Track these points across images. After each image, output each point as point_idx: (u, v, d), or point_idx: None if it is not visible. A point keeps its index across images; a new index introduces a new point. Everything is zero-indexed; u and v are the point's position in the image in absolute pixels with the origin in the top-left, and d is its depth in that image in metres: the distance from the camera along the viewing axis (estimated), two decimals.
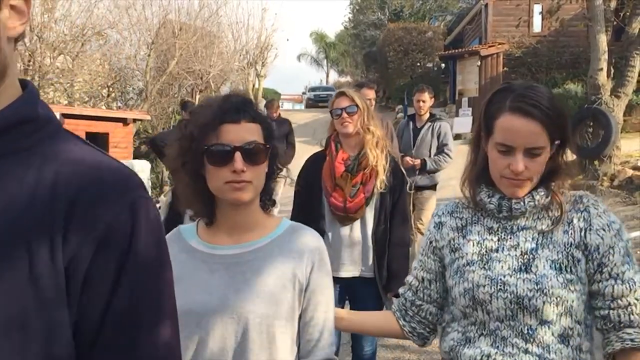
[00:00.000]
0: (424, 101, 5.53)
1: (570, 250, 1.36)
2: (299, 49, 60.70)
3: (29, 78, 16.89)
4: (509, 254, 1.39)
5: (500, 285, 1.36)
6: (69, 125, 14.52)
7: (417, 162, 5.27)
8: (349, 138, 2.86)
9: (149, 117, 16.22)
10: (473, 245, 1.44)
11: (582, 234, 1.37)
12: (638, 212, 7.13)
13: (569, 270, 1.35)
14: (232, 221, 1.42)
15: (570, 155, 1.44)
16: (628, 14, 9.12)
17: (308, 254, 1.42)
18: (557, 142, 1.36)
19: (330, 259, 2.53)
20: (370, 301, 2.83)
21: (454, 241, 1.49)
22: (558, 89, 14.18)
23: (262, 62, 20.71)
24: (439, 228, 1.54)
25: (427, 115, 5.57)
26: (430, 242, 1.55)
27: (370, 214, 2.83)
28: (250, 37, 20.44)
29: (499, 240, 1.42)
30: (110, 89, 19.69)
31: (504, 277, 1.36)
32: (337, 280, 2.62)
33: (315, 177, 2.89)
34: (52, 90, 17.90)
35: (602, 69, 8.59)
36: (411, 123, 5.62)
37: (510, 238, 1.41)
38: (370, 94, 4.51)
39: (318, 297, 1.43)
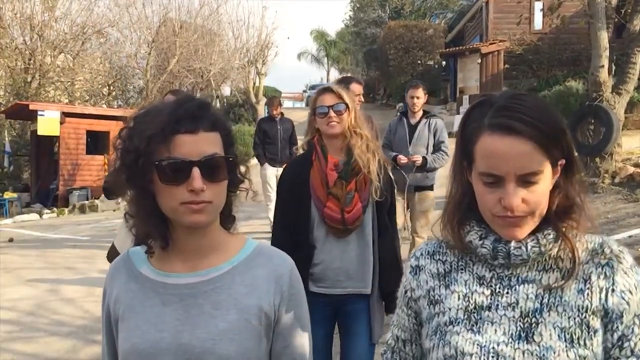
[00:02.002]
0: (418, 97, 5.31)
1: (585, 316, 1.05)
2: (300, 47, 60.57)
3: (29, 77, 16.93)
4: (504, 315, 1.09)
5: (492, 356, 1.06)
6: (70, 124, 14.54)
7: (418, 158, 5.09)
8: (335, 140, 2.53)
9: None
10: (458, 298, 1.14)
11: (603, 295, 1.06)
12: (639, 209, 7.12)
13: (582, 343, 1.04)
14: (187, 245, 1.20)
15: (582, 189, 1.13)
16: (629, 11, 9.10)
17: (276, 282, 1.22)
18: (560, 162, 1.07)
19: (323, 275, 2.49)
20: (361, 319, 2.55)
21: (433, 291, 1.18)
22: (559, 86, 14.16)
23: (263, 61, 20.68)
24: (415, 273, 1.23)
25: (421, 112, 5.37)
26: (405, 292, 1.25)
27: (367, 223, 2.54)
28: (251, 35, 20.44)
29: (492, 294, 1.11)
30: (111, 88, 19.69)
31: (498, 345, 1.07)
32: (329, 298, 2.51)
33: (302, 186, 2.54)
34: (52, 88, 17.90)
35: (603, 66, 8.57)
36: (405, 120, 5.40)
37: (508, 293, 1.10)
38: (359, 89, 4.19)
39: (290, 333, 1.24)
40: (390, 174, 2.68)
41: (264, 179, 7.81)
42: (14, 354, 4.31)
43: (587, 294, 1.07)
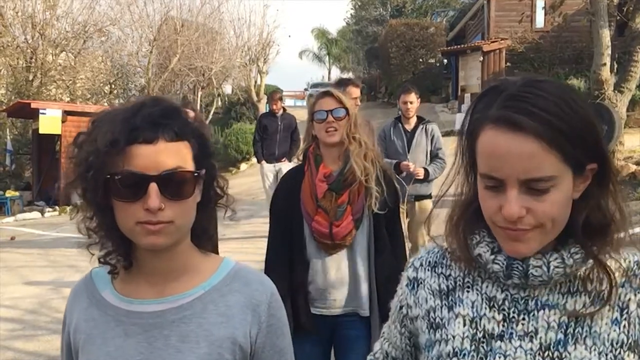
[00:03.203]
0: (411, 102, 5.07)
1: (620, 352, 0.88)
2: (301, 46, 60.57)
3: (31, 76, 16.95)
4: (520, 347, 0.91)
5: None
6: (72, 122, 14.55)
7: (420, 171, 4.90)
8: (332, 148, 2.35)
9: None
10: (464, 324, 0.95)
11: None
12: None
13: None
14: (152, 267, 1.07)
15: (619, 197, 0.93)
16: (631, 8, 9.08)
17: (253, 310, 1.08)
18: (590, 166, 0.87)
19: (316, 294, 2.33)
20: (360, 344, 2.35)
21: (434, 313, 1.00)
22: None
23: (264, 59, 20.67)
24: (413, 288, 1.05)
25: (415, 117, 5.16)
26: (400, 308, 1.08)
27: (362, 240, 2.33)
28: (252, 34, 20.41)
29: (505, 320, 0.93)
30: (112, 86, 19.70)
31: None
32: (326, 319, 2.35)
33: (294, 198, 2.38)
34: (54, 87, 17.91)
35: (605, 64, 8.55)
36: (400, 126, 5.16)
37: (524, 320, 0.92)
38: (356, 92, 3.98)
39: None
40: (397, 185, 2.49)
41: (262, 176, 7.77)
42: (16, 352, 4.32)
43: (624, 326, 0.88)
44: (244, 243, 7.65)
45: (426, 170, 4.96)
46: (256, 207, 10.09)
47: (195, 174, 1.03)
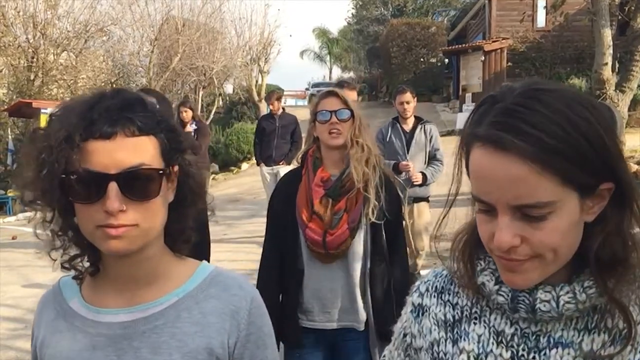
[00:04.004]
0: (407, 102, 4.97)
1: None
2: (302, 45, 60.60)
3: (32, 75, 16.96)
4: None
5: None
6: None
7: (418, 177, 4.80)
8: (334, 151, 2.21)
9: None
10: None
11: None
12: None
13: None
14: (120, 273, 0.99)
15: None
16: (633, 8, 9.07)
17: (232, 318, 0.99)
18: (605, 186, 0.77)
19: (310, 306, 2.19)
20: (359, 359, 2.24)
21: (438, 347, 0.92)
22: (562, 83, 14.14)
23: (265, 58, 20.68)
24: (417, 315, 0.97)
25: (412, 118, 5.08)
26: (404, 336, 1.00)
27: (358, 249, 2.18)
28: (254, 33, 20.41)
29: (513, 359, 0.84)
30: (114, 86, 19.69)
31: None
32: (321, 334, 2.22)
33: (289, 204, 2.24)
34: (55, 87, 17.91)
35: (606, 64, 8.55)
36: (398, 126, 5.08)
37: (535, 358, 0.83)
38: (353, 95, 3.82)
39: None
40: (400, 192, 2.36)
41: (262, 179, 7.77)
42: (17, 352, 4.32)
43: None
44: (245, 242, 7.65)
45: (424, 175, 4.88)
46: (257, 206, 10.09)
47: (161, 172, 0.93)
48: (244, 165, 16.32)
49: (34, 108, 13.96)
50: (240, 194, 12.37)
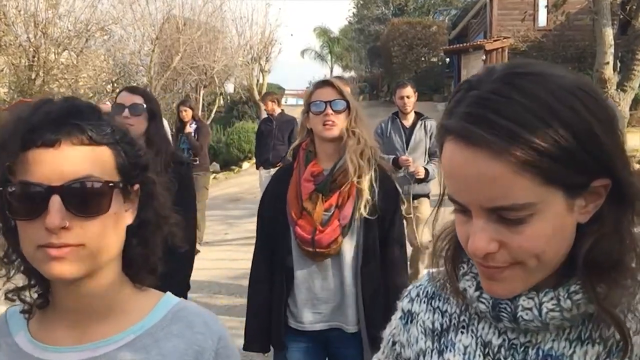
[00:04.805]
0: (408, 97, 4.87)
1: None
2: (303, 44, 60.64)
3: (33, 74, 16.96)
4: None
5: None
6: None
7: (420, 171, 4.71)
8: (329, 144, 2.09)
9: None
10: None
11: None
12: None
13: None
14: (69, 305, 0.87)
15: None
16: (634, 7, 9.05)
17: (196, 359, 0.89)
18: (598, 182, 0.67)
19: (300, 307, 2.10)
20: None
21: (424, 357, 0.85)
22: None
23: (266, 58, 20.67)
24: (406, 323, 0.89)
25: (413, 113, 4.99)
26: (393, 344, 0.93)
27: (349, 248, 2.07)
28: (255, 33, 20.40)
29: None
30: (115, 85, 19.69)
31: None
32: (310, 335, 2.14)
33: (280, 201, 2.14)
34: (56, 86, 17.92)
35: (608, 63, 8.53)
36: (398, 122, 4.98)
37: None
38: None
39: None
40: (398, 187, 2.25)
41: (259, 182, 7.77)
42: None
43: None
44: (246, 241, 7.64)
45: (426, 170, 4.80)
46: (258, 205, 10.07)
47: (111, 184, 0.82)
48: (245, 165, 16.32)
49: None
50: (241, 193, 12.37)
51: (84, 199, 0.80)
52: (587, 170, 0.66)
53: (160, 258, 0.95)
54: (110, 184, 0.83)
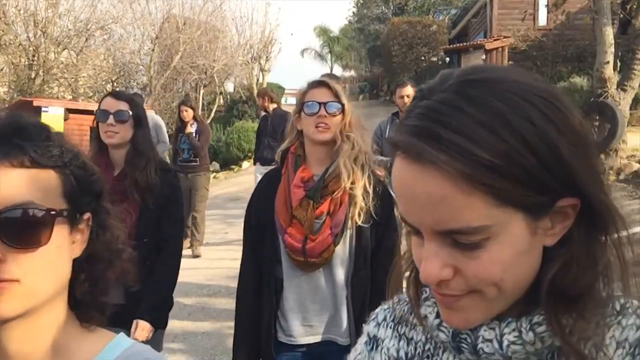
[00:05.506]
0: (408, 96, 4.76)
1: None
2: (303, 44, 60.59)
3: (33, 73, 16.97)
4: None
5: None
6: (74, 120, 14.57)
7: None
8: (320, 147, 1.99)
9: (153, 112, 16.28)
10: None
11: None
12: None
13: None
14: (8, 347, 0.76)
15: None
16: (634, 6, 9.05)
17: None
18: (564, 202, 0.60)
19: (290, 320, 1.98)
20: None
21: None
22: (564, 82, 14.13)
23: (266, 57, 20.69)
24: (371, 349, 0.81)
25: None
26: None
27: (343, 257, 1.97)
28: (254, 32, 20.46)
29: None
30: (115, 84, 19.69)
31: None
32: (302, 349, 2.02)
33: (267, 208, 2.03)
34: (56, 85, 17.92)
35: (608, 62, 8.53)
36: (396, 122, 4.75)
37: None
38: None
39: None
40: (392, 192, 2.11)
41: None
42: None
43: None
44: None
45: None
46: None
47: (53, 212, 0.73)
48: (245, 164, 16.32)
49: (35, 106, 13.95)
50: (241, 192, 12.36)
51: (21, 228, 0.70)
52: (549, 189, 0.58)
53: (108, 296, 0.85)
54: (53, 212, 0.73)
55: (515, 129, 0.56)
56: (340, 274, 1.98)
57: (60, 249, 0.75)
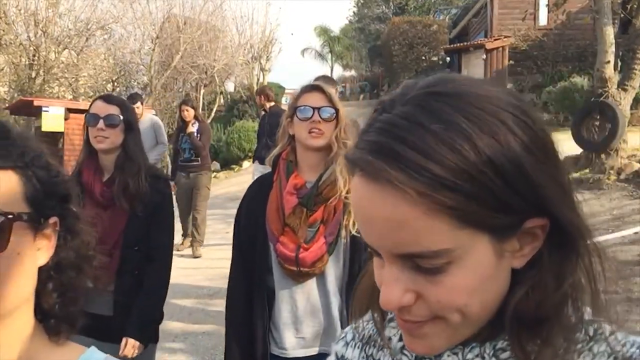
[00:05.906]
0: None
1: None
2: (304, 44, 60.60)
3: (33, 73, 16.98)
4: None
5: None
6: (74, 120, 14.58)
7: None
8: (313, 153, 1.93)
9: (153, 112, 16.29)
10: None
11: None
12: None
13: None
14: None
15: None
16: (635, 6, 9.04)
17: None
18: (532, 222, 0.56)
19: (282, 331, 1.92)
20: None
21: None
22: (564, 82, 14.11)
23: (267, 57, 20.69)
24: None
25: None
26: None
27: (336, 267, 1.91)
28: (255, 32, 20.45)
29: None
30: (115, 84, 19.70)
31: None
32: None
33: (259, 214, 1.96)
34: (57, 85, 17.93)
35: (609, 62, 8.52)
36: None
37: None
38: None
39: None
40: None
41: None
42: None
43: None
44: None
45: None
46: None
47: (11, 216, 0.67)
48: (245, 164, 16.33)
49: (35, 106, 13.95)
50: (242, 192, 12.26)
51: None
52: (515, 209, 0.54)
53: (80, 307, 0.79)
54: (10, 216, 0.66)
55: (479, 147, 0.52)
56: (333, 284, 1.92)
57: (22, 256, 0.69)
